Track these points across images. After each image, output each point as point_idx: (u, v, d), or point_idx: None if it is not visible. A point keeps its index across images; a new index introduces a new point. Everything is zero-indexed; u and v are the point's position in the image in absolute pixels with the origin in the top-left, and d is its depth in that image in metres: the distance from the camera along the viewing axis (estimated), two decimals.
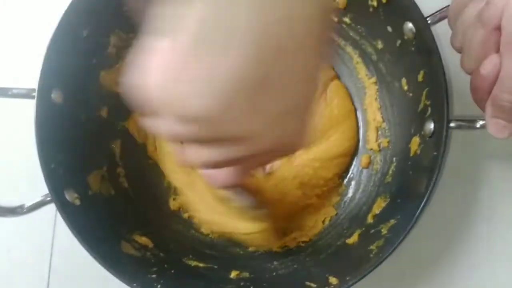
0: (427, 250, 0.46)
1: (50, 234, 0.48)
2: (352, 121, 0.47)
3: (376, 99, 0.48)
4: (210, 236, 0.48)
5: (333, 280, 0.38)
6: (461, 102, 0.44)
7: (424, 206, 0.36)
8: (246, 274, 0.44)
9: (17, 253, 0.47)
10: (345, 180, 0.48)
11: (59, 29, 0.39)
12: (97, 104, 0.46)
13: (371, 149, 0.48)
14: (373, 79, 0.48)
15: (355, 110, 0.48)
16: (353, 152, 0.48)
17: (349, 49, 0.49)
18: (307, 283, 0.40)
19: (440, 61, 0.38)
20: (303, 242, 0.47)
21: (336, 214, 0.47)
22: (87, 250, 0.37)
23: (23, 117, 0.39)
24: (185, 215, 0.49)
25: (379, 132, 0.48)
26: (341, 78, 0.49)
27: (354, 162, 0.49)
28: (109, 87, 0.47)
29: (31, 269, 0.47)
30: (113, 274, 0.37)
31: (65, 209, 0.38)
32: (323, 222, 0.47)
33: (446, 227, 0.46)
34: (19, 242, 0.48)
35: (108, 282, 0.37)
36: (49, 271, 0.47)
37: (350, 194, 0.48)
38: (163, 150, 0.49)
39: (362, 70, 0.49)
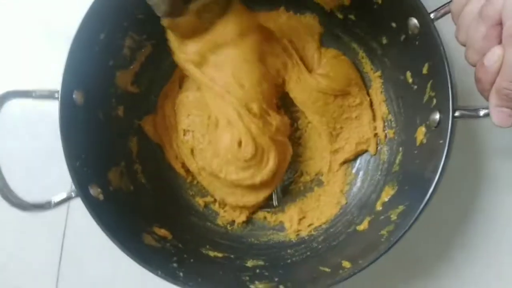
0: (431, 238, 0.48)
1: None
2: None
3: (381, 92, 0.50)
4: (225, 226, 0.50)
5: (346, 264, 0.40)
6: (464, 93, 0.46)
7: (432, 192, 0.38)
8: (261, 262, 0.46)
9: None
10: (354, 170, 0.51)
11: (80, 32, 0.41)
12: (114, 104, 0.48)
13: (379, 139, 0.50)
14: (378, 73, 0.50)
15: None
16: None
17: (354, 45, 0.51)
18: (321, 268, 0.42)
19: (445, 54, 0.40)
20: (315, 229, 0.49)
21: (346, 203, 0.49)
22: (114, 242, 0.39)
23: (45, 117, 0.41)
24: (200, 208, 0.51)
25: (385, 124, 0.50)
26: None
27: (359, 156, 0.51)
28: (124, 87, 0.49)
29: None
30: (138, 263, 0.39)
31: (90, 203, 0.40)
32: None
33: (449, 216, 0.49)
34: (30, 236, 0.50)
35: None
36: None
37: (358, 183, 0.50)
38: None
39: (367, 65, 0.51)
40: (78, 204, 0.40)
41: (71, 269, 0.51)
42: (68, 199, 0.40)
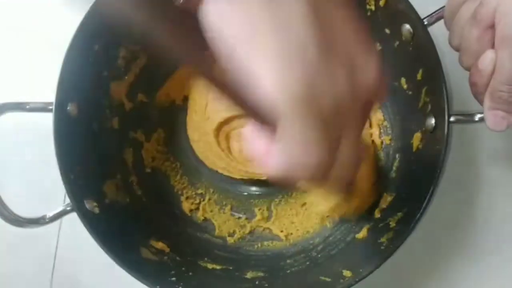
0: (428, 245, 0.48)
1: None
2: None
3: None
4: (223, 238, 0.50)
5: (347, 273, 0.40)
6: (458, 98, 0.46)
7: (430, 198, 0.38)
8: (261, 274, 0.45)
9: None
10: None
11: (74, 44, 0.41)
12: (108, 115, 0.47)
13: (375, 146, 0.50)
14: None
15: None
16: None
17: None
18: (322, 277, 0.41)
19: (438, 59, 0.40)
20: (311, 237, 0.48)
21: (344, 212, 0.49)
22: (110, 257, 0.38)
23: (39, 130, 0.41)
24: (198, 219, 0.50)
25: (381, 130, 0.50)
26: None
27: None
28: (118, 99, 0.48)
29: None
30: (136, 278, 0.38)
31: (86, 217, 0.39)
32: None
33: (447, 221, 0.48)
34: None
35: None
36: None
37: None
38: None
39: None
40: (71, 215, 0.39)
41: (64, 280, 0.50)
42: (63, 213, 0.39)
